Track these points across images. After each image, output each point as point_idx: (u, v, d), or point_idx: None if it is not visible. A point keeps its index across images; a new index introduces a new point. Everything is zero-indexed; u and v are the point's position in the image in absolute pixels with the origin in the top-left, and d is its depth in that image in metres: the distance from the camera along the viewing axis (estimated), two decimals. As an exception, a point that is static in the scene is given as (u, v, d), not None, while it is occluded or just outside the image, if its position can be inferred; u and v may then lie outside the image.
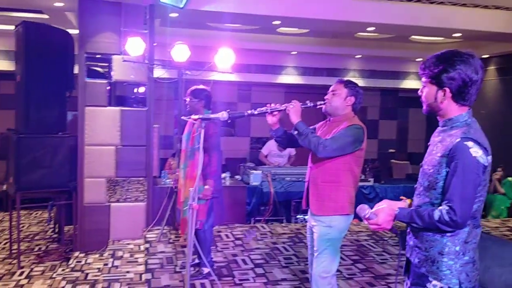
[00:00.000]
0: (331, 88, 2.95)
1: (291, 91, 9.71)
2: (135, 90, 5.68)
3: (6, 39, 7.82)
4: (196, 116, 2.72)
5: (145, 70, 5.45)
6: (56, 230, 6.25)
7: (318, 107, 2.91)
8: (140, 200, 5.55)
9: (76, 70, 5.44)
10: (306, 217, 6.39)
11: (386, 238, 5.53)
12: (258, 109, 2.79)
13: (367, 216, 1.91)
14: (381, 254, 4.94)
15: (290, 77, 9.25)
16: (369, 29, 6.69)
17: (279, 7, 5.74)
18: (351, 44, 8.46)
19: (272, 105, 2.83)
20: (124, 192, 5.51)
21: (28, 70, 4.97)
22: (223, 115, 2.67)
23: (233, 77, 7.12)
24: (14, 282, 4.51)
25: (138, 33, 5.18)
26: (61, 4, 5.56)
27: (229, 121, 2.71)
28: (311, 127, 2.96)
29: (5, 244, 5.79)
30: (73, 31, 5.62)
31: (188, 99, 4.05)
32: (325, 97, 2.94)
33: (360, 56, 9.33)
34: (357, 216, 2.21)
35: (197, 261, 4.14)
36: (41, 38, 5.02)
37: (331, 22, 6.04)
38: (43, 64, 5.01)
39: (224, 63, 5.23)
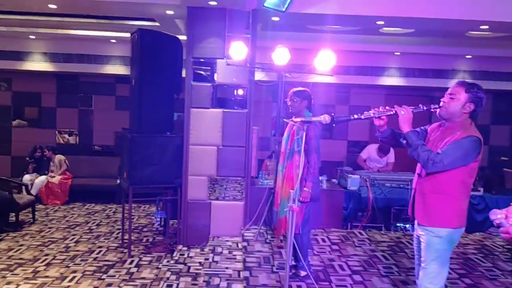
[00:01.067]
0: (449, 91, 2.71)
1: (392, 93, 9.35)
2: (235, 93, 5.87)
3: (121, 45, 8.53)
4: (298, 119, 2.73)
5: (246, 73, 5.61)
6: (162, 223, 6.68)
7: (432, 110, 2.72)
8: (238, 199, 5.71)
9: (183, 73, 5.77)
10: (407, 225, 6.17)
11: (496, 253, 5.09)
12: (365, 113, 2.69)
13: (497, 222, 1.74)
14: (491, 270, 4.56)
15: (392, 79, 8.91)
16: (482, 27, 6.21)
17: (384, 7, 5.56)
18: (461, 44, 7.92)
19: (380, 108, 2.70)
20: (223, 190, 5.72)
21: (141, 74, 5.37)
22: (325, 118, 2.64)
23: (332, 79, 7.03)
24: (126, 270, 4.90)
25: (241, 38, 5.34)
26: (171, 12, 5.93)
27: (334, 125, 2.67)
28: (422, 127, 2.80)
29: (117, 234, 6.32)
30: (181, 37, 5.96)
31: (290, 101, 4.08)
32: (442, 99, 2.72)
33: (470, 56, 8.70)
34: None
35: (293, 263, 4.16)
36: (154, 44, 5.39)
37: (440, 21, 5.71)
38: (155, 68, 5.38)
39: (325, 66, 5.19)
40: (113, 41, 8.37)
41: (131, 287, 4.43)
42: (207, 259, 4.90)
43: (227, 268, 4.54)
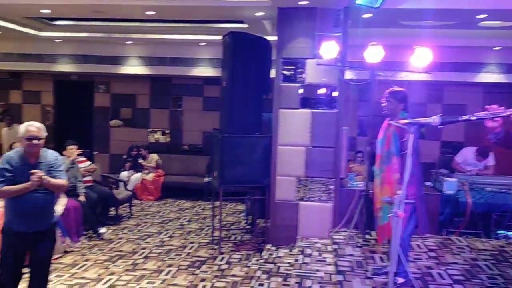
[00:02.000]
0: None
1: (492, 91, 8.68)
2: (321, 92, 5.76)
3: (210, 48, 8.79)
4: (405, 121, 2.61)
5: (336, 73, 5.51)
6: (249, 222, 6.79)
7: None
8: (325, 200, 5.63)
9: (272, 74, 5.81)
10: (509, 233, 5.68)
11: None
12: (476, 114, 2.48)
13: None
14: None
15: (491, 75, 8.27)
16: None
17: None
18: None
19: (494, 106, 2.48)
20: (311, 191, 5.67)
21: (232, 75, 5.49)
22: (434, 120, 2.49)
23: (424, 77, 6.68)
24: (217, 266, 5.04)
25: (331, 36, 5.26)
26: (261, 14, 5.99)
27: (440, 126, 2.51)
28: None
29: (207, 230, 6.52)
30: (268, 38, 6.00)
31: (385, 101, 3.92)
32: None
33: None
34: None
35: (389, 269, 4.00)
36: (244, 46, 5.49)
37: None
38: (245, 70, 5.48)
39: (420, 63, 4.94)
40: (202, 44, 8.65)
41: (223, 283, 4.54)
42: (297, 260, 4.88)
43: (317, 270, 4.49)
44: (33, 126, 3.37)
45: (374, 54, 5.00)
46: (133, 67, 9.29)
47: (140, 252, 5.47)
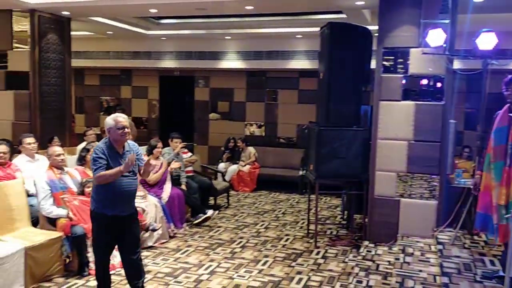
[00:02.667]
0: None
1: None
2: (425, 83, 5.44)
3: (306, 40, 8.74)
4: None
5: (443, 62, 5.16)
6: (345, 217, 6.66)
7: None
8: (428, 198, 5.33)
9: (372, 65, 5.60)
10: None
11: None
12: None
13: None
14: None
15: None
16: None
17: None
18: None
19: None
20: (412, 188, 5.40)
21: (330, 67, 5.39)
22: None
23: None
24: (313, 260, 5.01)
25: (438, 24, 4.93)
26: (362, 3, 5.82)
27: None
28: None
29: (302, 223, 6.52)
30: (368, 27, 5.79)
31: (507, 89, 3.58)
32: None
33: None
34: None
35: (501, 273, 3.68)
36: (343, 37, 5.35)
37: None
38: (344, 61, 5.34)
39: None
40: (299, 36, 8.63)
41: (320, 277, 4.50)
42: (397, 259, 4.69)
43: (420, 271, 4.28)
44: (121, 117, 3.60)
45: (486, 41, 4.59)
46: (231, 62, 9.56)
47: (238, 241, 5.63)
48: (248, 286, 4.28)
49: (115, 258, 4.23)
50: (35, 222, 4.64)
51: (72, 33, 7.53)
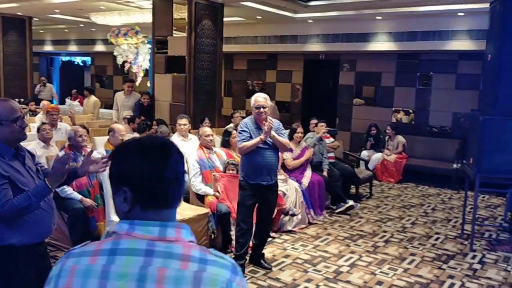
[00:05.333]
0: None
1: None
2: None
3: (470, 18, 7.79)
4: None
5: None
6: (508, 218, 5.83)
7: None
8: None
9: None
10: None
11: None
12: None
13: None
14: None
15: None
16: None
17: None
18: None
19: None
20: None
21: (501, 48, 4.66)
22: None
23: None
24: (467, 264, 4.48)
25: None
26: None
27: None
28: None
29: (455, 222, 5.89)
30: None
31: None
32: None
33: None
34: None
35: None
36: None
37: None
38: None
39: None
40: (461, 14, 7.73)
41: (476, 285, 4.00)
42: None
43: None
44: (261, 97, 4.00)
45: None
46: (380, 44, 9.02)
47: (381, 235, 5.31)
48: (393, 285, 3.98)
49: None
50: (186, 198, 4.95)
51: (224, 19, 7.84)
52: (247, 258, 4.24)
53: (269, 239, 4.92)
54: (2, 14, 10.16)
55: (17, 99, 9.74)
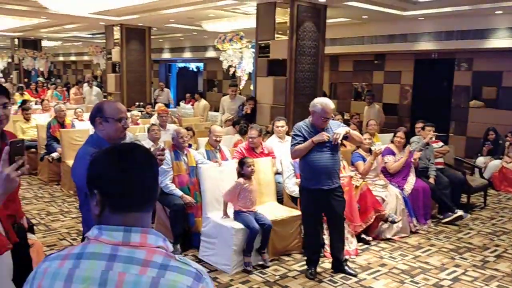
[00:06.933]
0: None
1: None
2: None
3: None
4: None
5: None
6: None
7: None
8: None
9: None
10: None
11: None
12: None
13: None
14: None
15: None
16: None
17: None
18: None
19: None
20: None
21: None
22: None
23: None
24: None
25: None
26: None
27: None
28: None
29: None
30: None
31: None
32: None
33: None
34: None
35: None
36: None
37: None
38: None
39: None
40: None
41: None
42: None
43: None
44: (332, 105, 3.88)
45: None
46: (501, 41, 8.19)
47: (492, 249, 4.81)
48: (500, 305, 3.58)
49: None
50: (280, 199, 4.98)
51: (328, 20, 7.74)
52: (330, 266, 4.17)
53: (366, 245, 4.76)
54: (125, 26, 11.22)
55: (136, 103, 10.74)
